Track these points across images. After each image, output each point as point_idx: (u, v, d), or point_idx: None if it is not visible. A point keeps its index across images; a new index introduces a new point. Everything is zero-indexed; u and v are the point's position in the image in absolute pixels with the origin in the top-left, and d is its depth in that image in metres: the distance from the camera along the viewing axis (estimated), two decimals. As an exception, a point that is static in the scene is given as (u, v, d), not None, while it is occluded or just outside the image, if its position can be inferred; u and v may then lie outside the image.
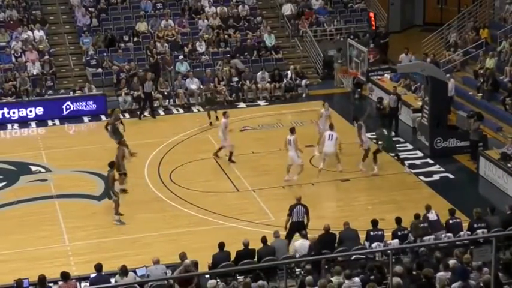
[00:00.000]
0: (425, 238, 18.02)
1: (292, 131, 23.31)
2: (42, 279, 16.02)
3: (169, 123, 29.03)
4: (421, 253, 16.22)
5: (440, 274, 14.47)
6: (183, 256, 16.79)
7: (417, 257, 16.12)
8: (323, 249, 17.21)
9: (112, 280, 16.38)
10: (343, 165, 24.37)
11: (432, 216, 18.60)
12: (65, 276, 16.22)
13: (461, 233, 18.16)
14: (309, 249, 17.19)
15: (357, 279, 15.07)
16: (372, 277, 14.95)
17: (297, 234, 18.66)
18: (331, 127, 24.10)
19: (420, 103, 27.75)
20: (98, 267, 16.54)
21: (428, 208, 18.78)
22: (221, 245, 17.46)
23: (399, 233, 18.12)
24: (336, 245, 17.70)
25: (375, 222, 18.23)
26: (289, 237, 18.89)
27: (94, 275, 16.55)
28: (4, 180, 24.29)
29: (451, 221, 18.53)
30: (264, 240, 17.62)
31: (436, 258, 15.60)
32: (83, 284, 16.76)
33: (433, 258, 15.65)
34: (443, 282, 13.94)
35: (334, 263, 16.13)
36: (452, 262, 15.12)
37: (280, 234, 18.07)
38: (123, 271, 16.35)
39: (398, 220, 18.43)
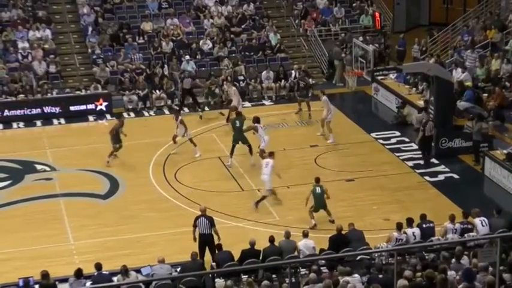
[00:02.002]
0: (433, 238, 18.01)
1: (271, 154, 22.49)
2: (45, 275, 16.06)
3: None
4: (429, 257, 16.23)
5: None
6: (194, 255, 16.85)
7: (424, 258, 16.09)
8: (335, 250, 17.19)
9: (114, 279, 16.42)
10: (347, 165, 24.40)
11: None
12: (98, 267, 16.52)
13: (451, 235, 18.02)
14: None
15: (356, 275, 15.13)
16: (380, 276, 14.98)
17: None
18: (271, 154, 22.25)
19: (422, 102, 27.76)
20: (98, 266, 16.59)
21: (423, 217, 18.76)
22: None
23: (424, 226, 18.25)
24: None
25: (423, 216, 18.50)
26: (201, 249, 18.30)
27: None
28: (9, 179, 24.34)
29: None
30: (271, 239, 17.63)
31: (443, 257, 15.58)
32: (88, 283, 16.77)
33: (441, 259, 15.63)
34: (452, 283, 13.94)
35: (340, 264, 16.13)
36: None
37: (291, 235, 18.02)
38: (125, 270, 16.38)
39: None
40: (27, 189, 23.61)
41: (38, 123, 29.38)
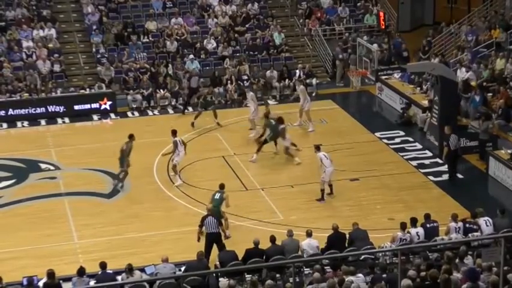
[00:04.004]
0: (437, 238, 18.00)
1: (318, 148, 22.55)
2: (50, 273, 16.09)
3: (179, 121, 29.03)
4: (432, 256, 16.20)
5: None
6: (200, 255, 16.86)
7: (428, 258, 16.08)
8: (332, 249, 17.22)
9: (118, 278, 16.44)
10: (351, 165, 24.42)
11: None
12: (103, 266, 16.51)
13: (454, 235, 18.01)
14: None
15: (360, 274, 15.13)
16: (384, 276, 14.98)
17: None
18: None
19: (426, 102, 27.75)
20: (103, 265, 16.61)
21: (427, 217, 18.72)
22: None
23: (428, 225, 18.21)
24: (346, 245, 17.69)
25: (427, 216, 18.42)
26: (208, 248, 18.30)
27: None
28: (14, 178, 24.38)
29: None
30: (272, 239, 17.64)
31: (447, 257, 15.57)
32: (91, 282, 16.78)
33: (445, 259, 15.61)
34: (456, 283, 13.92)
35: (344, 263, 16.12)
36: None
37: (293, 234, 18.03)
38: (129, 269, 16.40)
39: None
40: (31, 188, 23.65)
41: (42, 122, 29.44)
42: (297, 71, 31.95)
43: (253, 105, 27.40)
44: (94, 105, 30.12)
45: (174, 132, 23.93)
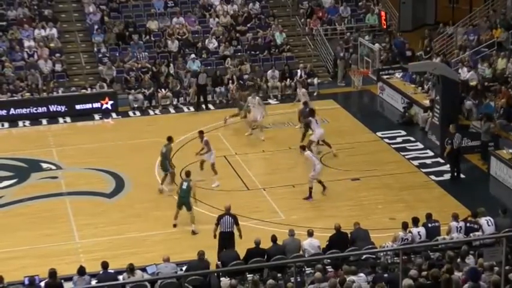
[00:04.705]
0: (439, 238, 17.99)
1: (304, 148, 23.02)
2: (52, 273, 16.10)
3: (180, 121, 29.07)
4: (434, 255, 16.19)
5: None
6: (201, 254, 16.87)
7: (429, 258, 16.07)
8: (334, 249, 17.20)
9: (120, 277, 16.44)
10: (353, 164, 24.42)
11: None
12: (104, 266, 16.48)
13: (456, 234, 18.00)
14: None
15: (362, 274, 15.12)
16: (385, 275, 14.97)
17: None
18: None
19: (427, 101, 27.72)
20: (105, 265, 16.61)
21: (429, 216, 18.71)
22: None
23: (429, 225, 18.20)
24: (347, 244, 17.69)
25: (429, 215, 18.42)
26: (220, 248, 18.42)
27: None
28: (15, 177, 24.39)
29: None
30: (274, 238, 17.64)
31: (449, 257, 15.56)
32: (93, 282, 16.79)
33: (446, 258, 15.61)
34: (457, 283, 13.93)
35: (345, 263, 16.12)
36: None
37: (295, 233, 18.02)
38: (131, 269, 16.40)
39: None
40: (32, 187, 23.65)
41: (44, 121, 29.45)
42: (299, 70, 31.94)
43: (259, 108, 26.96)
44: (95, 105, 30.12)
45: (201, 132, 23.79)
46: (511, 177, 22.83)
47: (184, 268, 17.12)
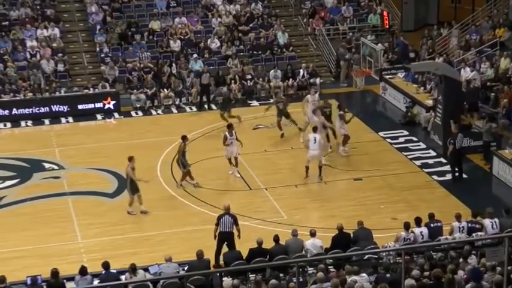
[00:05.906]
0: (441, 238, 17.97)
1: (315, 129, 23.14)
2: (55, 272, 16.10)
3: (182, 121, 29.06)
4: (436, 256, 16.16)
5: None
6: (200, 254, 16.86)
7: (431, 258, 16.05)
8: (337, 249, 17.17)
9: (122, 277, 16.44)
10: (355, 164, 24.40)
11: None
12: (106, 267, 16.49)
13: (458, 234, 17.97)
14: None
15: (364, 274, 15.11)
16: (387, 275, 14.96)
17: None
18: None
19: (430, 101, 27.71)
20: (106, 265, 16.60)
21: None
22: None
23: (432, 225, 18.15)
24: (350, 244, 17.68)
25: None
26: (219, 247, 18.36)
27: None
28: (17, 177, 24.40)
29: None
30: (276, 238, 17.62)
31: (451, 257, 15.55)
32: (95, 281, 16.79)
33: (448, 258, 15.59)
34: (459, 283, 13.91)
35: (347, 263, 16.12)
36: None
37: (298, 233, 18.00)
38: (133, 269, 16.40)
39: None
40: (35, 187, 23.67)
41: (46, 121, 29.47)
42: (301, 70, 31.93)
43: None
44: (98, 105, 30.12)
45: (230, 126, 24.17)
46: (513, 177, 22.83)
47: (186, 268, 17.12)
